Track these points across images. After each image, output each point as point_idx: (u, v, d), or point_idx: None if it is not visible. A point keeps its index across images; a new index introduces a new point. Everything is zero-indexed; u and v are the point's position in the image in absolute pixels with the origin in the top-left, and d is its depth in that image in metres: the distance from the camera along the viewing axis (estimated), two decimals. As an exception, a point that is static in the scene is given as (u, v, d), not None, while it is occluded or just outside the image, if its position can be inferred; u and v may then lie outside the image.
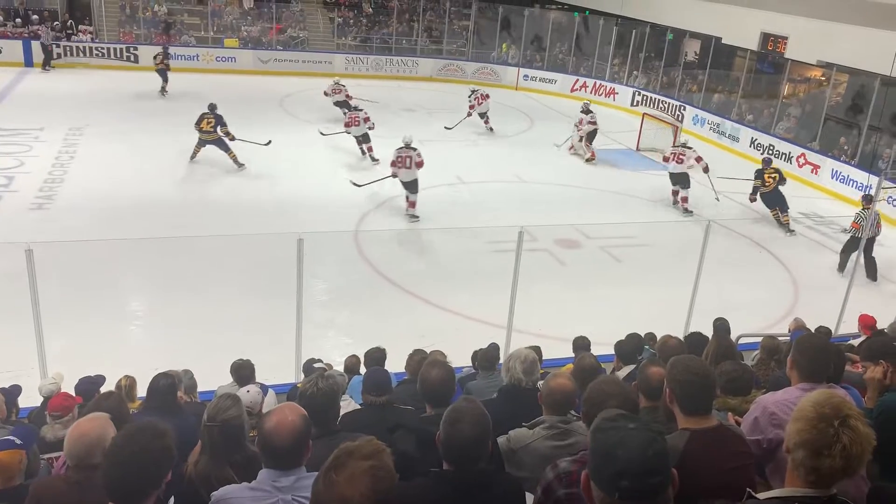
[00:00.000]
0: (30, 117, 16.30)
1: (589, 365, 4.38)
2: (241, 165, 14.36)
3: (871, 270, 11.16)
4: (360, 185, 12.96)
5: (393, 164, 12.44)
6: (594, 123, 17.07)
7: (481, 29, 26.91)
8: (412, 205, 12.56)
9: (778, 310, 9.90)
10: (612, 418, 1.84)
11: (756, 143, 18.20)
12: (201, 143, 14.35)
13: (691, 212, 13.84)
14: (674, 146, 15.15)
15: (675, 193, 14.24)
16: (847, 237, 11.66)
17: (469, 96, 18.52)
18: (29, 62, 21.51)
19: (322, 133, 16.39)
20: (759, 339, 6.40)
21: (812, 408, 2.04)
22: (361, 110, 15.69)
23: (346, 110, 16.75)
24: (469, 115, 18.17)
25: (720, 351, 5.41)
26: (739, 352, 6.08)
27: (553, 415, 3.15)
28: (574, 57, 25.47)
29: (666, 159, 14.91)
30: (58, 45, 21.74)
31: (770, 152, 17.53)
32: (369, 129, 15.31)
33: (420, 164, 12.37)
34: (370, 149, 15.42)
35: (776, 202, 13.34)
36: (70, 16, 23.29)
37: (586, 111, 17.30)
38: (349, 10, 26.43)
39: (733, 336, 6.50)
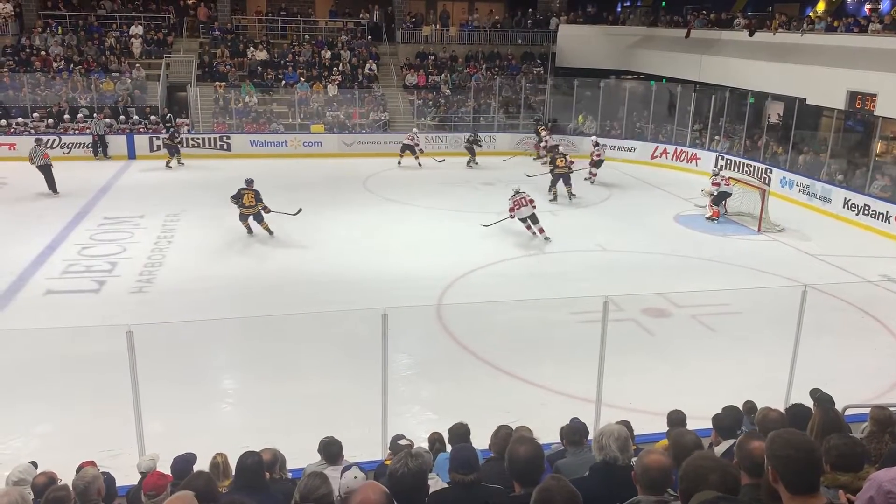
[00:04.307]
0: (132, 206, 17.35)
1: (688, 443, 4.14)
2: (272, 233, 15.37)
3: None
4: (487, 225, 15.75)
5: (511, 209, 15.32)
6: (717, 185, 17.36)
7: (557, 102, 27.25)
8: (541, 230, 15.37)
9: (886, 378, 9.30)
10: (713, 501, 1.75)
11: (850, 203, 17.50)
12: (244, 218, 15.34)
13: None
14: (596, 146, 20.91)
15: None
16: None
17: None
18: (132, 155, 23.03)
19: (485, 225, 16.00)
20: (867, 411, 5.99)
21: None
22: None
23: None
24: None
25: (826, 423, 5.07)
26: (847, 424, 5.70)
27: (649, 494, 3.01)
28: (653, 125, 25.40)
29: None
30: (157, 138, 23.21)
31: (866, 212, 16.86)
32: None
33: (532, 201, 15.39)
34: (541, 230, 15.45)
35: (566, 180, 18.78)
36: (169, 110, 24.94)
37: (716, 174, 18.10)
38: (428, 91, 27.30)
39: (839, 406, 6.10)
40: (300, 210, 15.99)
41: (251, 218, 15.30)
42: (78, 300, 11.89)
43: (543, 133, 24.44)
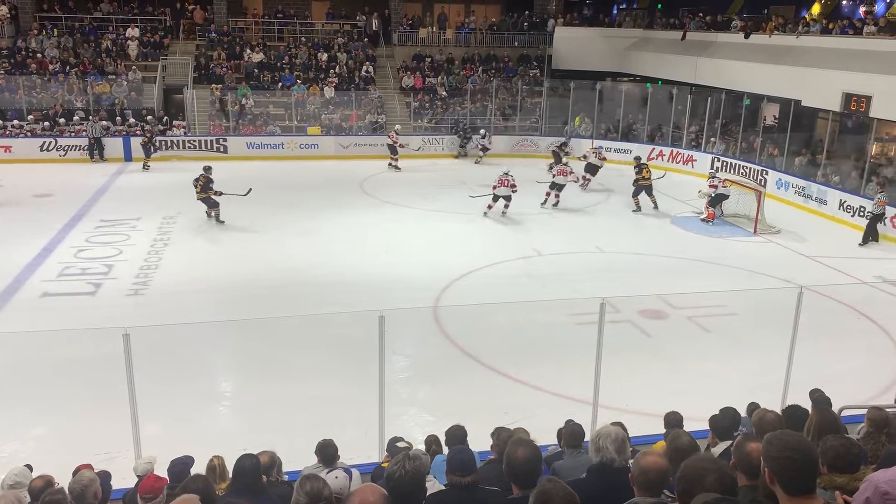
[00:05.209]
0: (128, 208, 17.31)
1: (685, 444, 4.15)
2: (222, 222, 16.30)
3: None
4: (474, 197, 17.63)
5: (495, 186, 17.07)
6: (714, 187, 17.46)
7: (553, 104, 27.28)
8: (506, 207, 17.18)
9: (882, 379, 9.32)
10: (712, 502, 1.75)
11: (845, 204, 17.54)
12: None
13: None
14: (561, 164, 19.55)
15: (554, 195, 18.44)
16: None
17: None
18: (128, 157, 22.98)
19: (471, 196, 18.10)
20: (863, 411, 6.00)
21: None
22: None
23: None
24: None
25: (823, 424, 5.08)
26: (844, 425, 5.70)
27: (647, 496, 3.01)
28: (648, 126, 25.45)
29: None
30: (156, 140, 23.12)
31: (861, 214, 16.89)
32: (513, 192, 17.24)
33: (514, 186, 16.98)
34: (506, 206, 17.31)
35: (649, 191, 18.49)
36: (165, 112, 24.91)
37: (712, 175, 18.38)
38: (425, 94, 27.30)
39: (835, 408, 6.11)
40: (250, 190, 16.56)
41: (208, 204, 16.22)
42: (74, 302, 11.87)
43: (483, 133, 24.73)
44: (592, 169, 20.86)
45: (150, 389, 6.78)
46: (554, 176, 18.71)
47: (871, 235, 15.88)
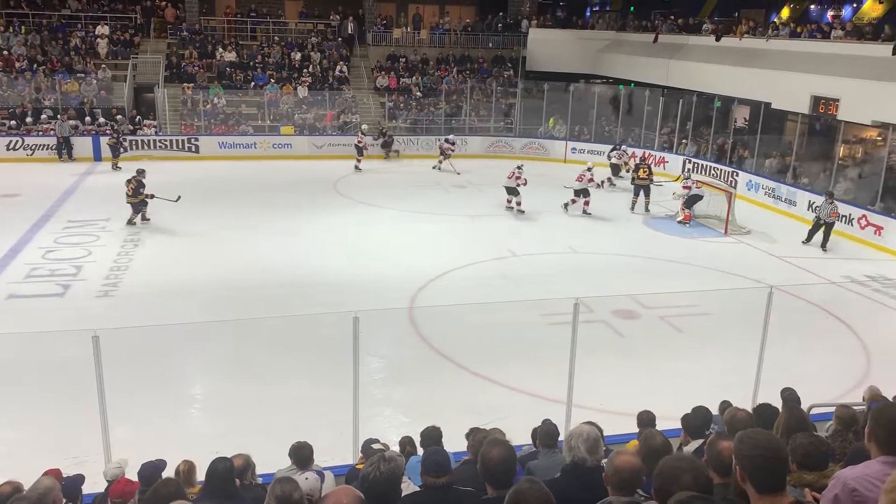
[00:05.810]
0: (97, 209, 17.05)
1: (658, 444, 4.16)
2: (146, 220, 16.13)
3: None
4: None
5: (508, 177, 17.94)
6: (688, 188, 17.71)
7: (527, 106, 27.37)
8: (518, 204, 17.94)
9: (849, 378, 9.47)
10: (687, 501, 1.76)
11: (814, 206, 17.79)
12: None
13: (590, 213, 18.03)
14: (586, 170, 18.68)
15: (573, 202, 18.14)
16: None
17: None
18: (97, 157, 22.65)
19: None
20: (832, 410, 6.10)
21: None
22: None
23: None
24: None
25: (792, 423, 5.16)
26: (813, 423, 5.79)
27: (620, 495, 3.03)
28: (621, 128, 25.64)
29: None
30: (125, 139, 22.83)
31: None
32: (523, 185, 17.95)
33: (519, 178, 17.73)
34: (518, 203, 18.04)
35: (646, 191, 18.61)
36: (137, 112, 24.59)
37: (686, 177, 18.78)
38: (400, 94, 27.25)
39: (804, 406, 6.21)
40: (179, 197, 16.43)
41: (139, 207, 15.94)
42: (42, 304, 11.66)
43: (453, 139, 24.23)
44: (614, 169, 21.95)
45: (121, 392, 6.67)
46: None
47: (817, 237, 16.00)
